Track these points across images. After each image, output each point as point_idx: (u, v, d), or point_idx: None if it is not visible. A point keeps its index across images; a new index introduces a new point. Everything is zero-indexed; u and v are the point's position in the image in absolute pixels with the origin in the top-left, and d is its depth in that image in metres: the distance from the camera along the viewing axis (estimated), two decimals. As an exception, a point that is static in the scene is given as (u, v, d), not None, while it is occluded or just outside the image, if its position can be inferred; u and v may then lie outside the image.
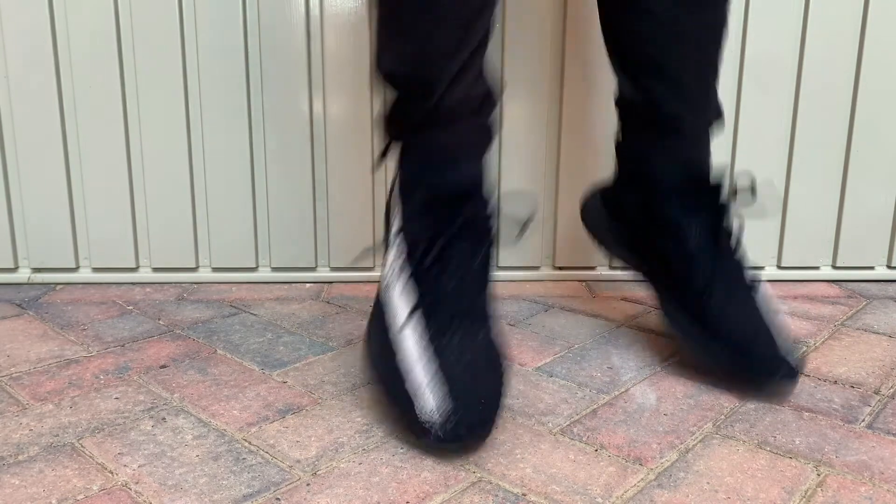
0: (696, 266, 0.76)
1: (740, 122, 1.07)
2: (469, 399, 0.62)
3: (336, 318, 0.95)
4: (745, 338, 0.72)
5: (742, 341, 0.72)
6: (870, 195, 1.10)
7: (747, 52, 1.04)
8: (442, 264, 0.65)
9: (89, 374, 0.78)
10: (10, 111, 1.03)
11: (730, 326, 0.73)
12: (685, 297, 0.77)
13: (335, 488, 0.58)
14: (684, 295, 0.77)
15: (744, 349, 0.72)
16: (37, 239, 1.08)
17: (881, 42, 1.04)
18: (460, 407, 0.61)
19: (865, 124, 1.07)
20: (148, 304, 1.01)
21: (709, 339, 0.74)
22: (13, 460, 0.61)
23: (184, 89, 1.04)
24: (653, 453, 0.63)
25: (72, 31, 1.01)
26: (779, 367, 0.70)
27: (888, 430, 0.67)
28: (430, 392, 0.62)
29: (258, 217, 1.09)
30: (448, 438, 0.60)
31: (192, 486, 0.58)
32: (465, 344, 0.65)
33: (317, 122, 1.06)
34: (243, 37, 1.03)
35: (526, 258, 1.12)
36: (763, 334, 0.73)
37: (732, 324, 0.73)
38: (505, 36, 1.03)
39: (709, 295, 0.74)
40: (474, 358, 0.65)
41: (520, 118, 1.06)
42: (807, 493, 0.57)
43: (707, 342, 0.74)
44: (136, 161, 1.06)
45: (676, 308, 0.78)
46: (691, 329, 0.76)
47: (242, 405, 0.71)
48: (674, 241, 0.76)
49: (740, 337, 0.73)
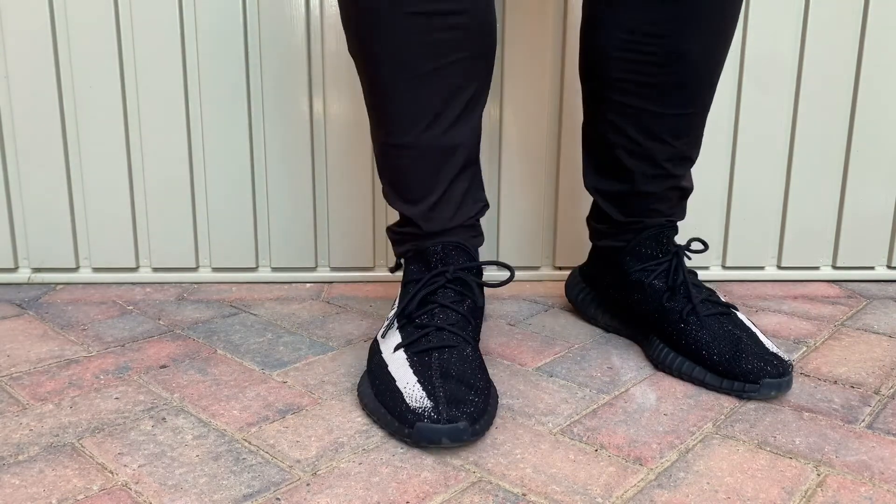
0: (669, 305, 0.81)
1: (740, 122, 1.07)
2: (455, 394, 0.64)
3: (336, 318, 0.95)
4: (724, 357, 0.74)
5: (722, 360, 0.74)
6: (870, 195, 1.10)
7: (747, 52, 1.04)
8: (429, 315, 0.73)
9: (89, 374, 0.78)
10: (10, 111, 1.03)
11: (710, 349, 0.75)
12: (664, 333, 0.80)
13: (335, 488, 0.58)
14: (663, 332, 0.80)
15: (727, 367, 0.73)
16: (37, 239, 1.08)
17: (881, 42, 1.04)
18: (450, 398, 0.64)
19: (865, 124, 1.07)
20: (148, 304, 1.01)
21: (693, 366, 0.76)
22: (13, 460, 0.61)
23: (184, 89, 1.04)
24: (653, 453, 0.63)
25: (72, 31, 1.01)
26: (762, 374, 0.71)
27: (888, 430, 0.67)
28: (419, 387, 0.65)
29: (258, 217, 1.09)
30: (441, 421, 0.61)
31: (192, 486, 0.58)
32: (449, 359, 0.68)
33: (317, 122, 1.06)
34: (243, 37, 1.03)
35: (526, 258, 1.12)
36: (743, 348, 0.74)
37: (712, 346, 0.75)
38: (505, 35, 1.03)
39: (686, 323, 0.78)
40: (459, 368, 0.68)
41: (520, 118, 1.06)
42: (807, 493, 0.57)
43: (692, 370, 0.76)
44: (136, 161, 1.06)
45: (660, 347, 0.80)
46: (675, 360, 0.77)
47: (242, 405, 0.71)
48: (643, 294, 0.84)
49: (721, 356, 0.74)
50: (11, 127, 1.04)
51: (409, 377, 0.66)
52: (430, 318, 0.72)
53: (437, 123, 0.74)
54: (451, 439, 0.61)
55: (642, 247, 0.85)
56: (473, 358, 0.70)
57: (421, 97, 0.73)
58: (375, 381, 0.70)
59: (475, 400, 0.64)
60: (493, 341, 0.88)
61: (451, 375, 0.66)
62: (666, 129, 0.81)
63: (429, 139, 0.75)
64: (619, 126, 0.82)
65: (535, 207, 1.10)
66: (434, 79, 0.73)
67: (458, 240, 0.77)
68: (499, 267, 1.08)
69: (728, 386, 0.73)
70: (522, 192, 1.09)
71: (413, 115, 0.74)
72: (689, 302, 0.79)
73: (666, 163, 0.82)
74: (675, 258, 0.83)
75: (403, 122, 0.74)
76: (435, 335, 0.70)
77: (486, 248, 1.11)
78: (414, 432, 0.62)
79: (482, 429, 0.63)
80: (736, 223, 1.10)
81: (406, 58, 0.71)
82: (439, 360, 0.68)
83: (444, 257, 0.76)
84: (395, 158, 0.77)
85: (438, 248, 0.77)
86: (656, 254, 0.84)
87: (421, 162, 0.76)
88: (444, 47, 0.72)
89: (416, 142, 0.75)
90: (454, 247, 0.77)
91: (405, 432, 0.63)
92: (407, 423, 0.63)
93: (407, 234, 0.80)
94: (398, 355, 0.70)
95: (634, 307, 0.84)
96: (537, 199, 1.09)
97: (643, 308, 0.83)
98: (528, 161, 1.08)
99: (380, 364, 0.71)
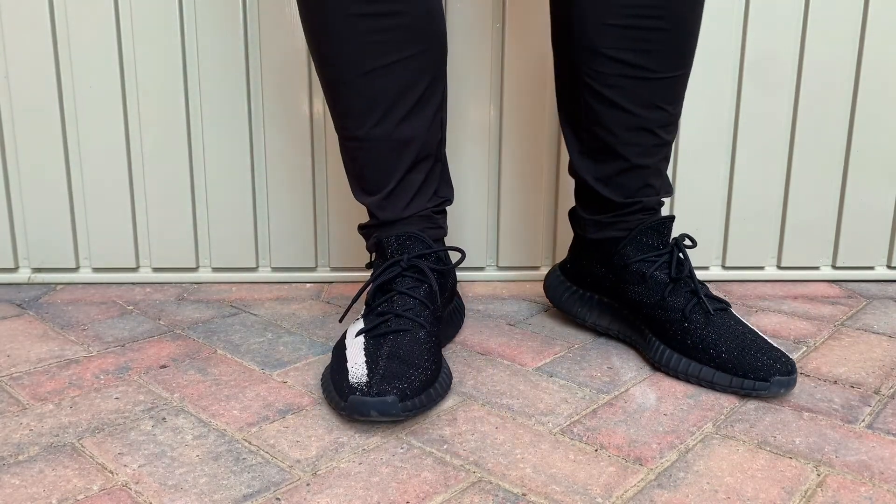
0: (671, 299, 0.80)
1: (740, 122, 1.07)
2: (392, 371, 0.68)
3: (336, 318, 0.95)
4: (733, 354, 0.74)
5: (731, 358, 0.73)
6: (870, 195, 1.10)
7: (747, 52, 1.04)
8: (389, 302, 0.77)
9: (89, 374, 0.78)
10: (10, 111, 1.03)
11: (717, 347, 0.75)
12: (666, 332, 0.79)
13: (335, 488, 0.58)
14: (665, 331, 0.79)
15: (736, 364, 0.73)
16: (37, 239, 1.08)
17: (881, 42, 1.04)
18: (385, 374, 0.67)
19: (865, 124, 1.07)
20: (148, 304, 1.01)
21: (700, 367, 0.75)
22: (13, 460, 0.61)
23: (184, 89, 1.04)
24: (653, 453, 0.63)
25: (72, 31, 1.01)
26: (772, 372, 0.71)
27: (888, 430, 0.67)
28: (364, 366, 0.69)
29: (258, 217, 1.09)
30: (371, 394, 0.65)
31: (192, 486, 0.58)
32: (401, 342, 0.72)
33: (317, 122, 1.06)
34: (243, 37, 1.03)
35: (526, 258, 1.12)
36: (749, 345, 0.74)
37: (719, 344, 0.75)
38: (505, 34, 1.03)
39: (689, 321, 0.78)
40: (408, 349, 0.71)
41: (520, 118, 1.06)
42: (807, 493, 0.57)
43: (699, 371, 0.75)
44: (136, 161, 1.06)
45: (661, 350, 0.79)
46: (679, 362, 0.77)
47: (242, 405, 0.71)
48: (643, 286, 0.83)
49: (729, 354, 0.74)
50: (11, 127, 1.04)
51: (359, 357, 0.70)
52: (390, 306, 0.76)
53: (387, 118, 0.79)
54: (380, 412, 0.64)
55: (644, 236, 0.84)
56: (425, 341, 0.73)
57: (370, 93, 0.78)
58: (332, 362, 0.74)
59: (412, 377, 0.67)
60: (493, 341, 0.88)
61: (398, 356, 0.70)
62: (661, 96, 0.80)
63: (380, 133, 0.79)
64: (614, 100, 0.80)
65: (535, 207, 1.10)
66: (383, 76, 0.77)
67: (413, 230, 0.81)
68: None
69: (738, 384, 0.72)
70: (522, 192, 1.09)
71: (364, 110, 0.78)
72: (694, 295, 0.79)
73: (660, 130, 0.82)
74: (676, 248, 0.82)
75: (356, 117, 0.79)
76: (394, 321, 0.74)
77: (486, 249, 1.11)
78: (347, 405, 0.66)
79: (416, 406, 0.66)
80: (736, 223, 1.10)
81: (354, 57, 0.76)
82: (391, 343, 0.72)
83: (399, 247, 0.80)
84: (352, 151, 0.82)
85: (392, 240, 0.80)
86: (658, 244, 0.84)
87: (374, 154, 0.80)
88: (388, 46, 0.76)
89: (368, 135, 0.79)
90: (408, 237, 0.80)
91: (341, 405, 0.67)
92: (343, 397, 0.67)
93: (371, 227, 0.84)
94: (358, 340, 0.74)
95: (633, 299, 0.83)
96: (537, 199, 1.09)
97: (643, 300, 0.82)
98: (528, 161, 1.08)
99: (340, 346, 0.75)
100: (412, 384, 0.67)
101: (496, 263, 1.12)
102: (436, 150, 0.84)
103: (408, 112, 0.79)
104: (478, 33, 1.03)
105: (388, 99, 0.78)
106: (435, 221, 0.85)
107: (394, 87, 0.78)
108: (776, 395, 0.72)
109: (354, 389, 0.66)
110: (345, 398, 0.66)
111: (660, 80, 0.80)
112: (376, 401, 0.64)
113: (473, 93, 1.05)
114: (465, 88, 1.05)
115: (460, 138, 1.06)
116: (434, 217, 0.85)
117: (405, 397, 0.65)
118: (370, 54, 0.76)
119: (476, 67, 1.05)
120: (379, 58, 0.76)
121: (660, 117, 0.82)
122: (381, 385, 0.65)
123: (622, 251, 0.85)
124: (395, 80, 0.77)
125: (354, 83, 0.77)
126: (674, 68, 0.80)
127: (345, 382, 0.68)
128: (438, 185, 0.86)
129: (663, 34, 0.77)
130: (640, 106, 0.80)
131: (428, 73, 0.80)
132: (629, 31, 0.77)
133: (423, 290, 0.78)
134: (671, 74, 0.80)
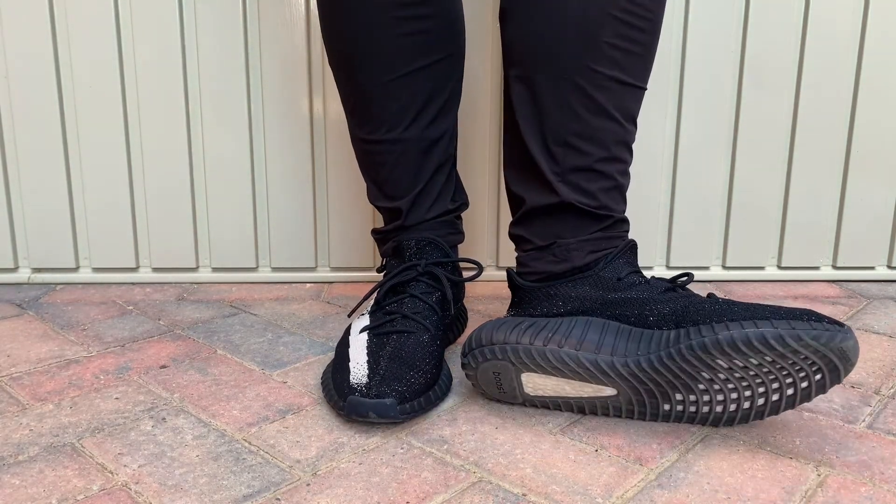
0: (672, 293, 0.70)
1: (740, 122, 1.07)
2: (393, 372, 0.67)
3: (336, 318, 0.95)
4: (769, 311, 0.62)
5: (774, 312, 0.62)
6: (870, 195, 1.10)
7: (747, 52, 1.04)
8: (399, 303, 0.76)
9: (89, 374, 0.78)
10: (10, 111, 1.03)
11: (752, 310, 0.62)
12: None
13: (335, 488, 0.58)
14: None
15: (785, 315, 0.61)
16: (37, 239, 1.08)
17: (881, 42, 1.04)
18: (385, 375, 0.67)
19: (865, 124, 1.07)
20: (148, 304, 1.01)
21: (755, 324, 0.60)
22: (13, 460, 0.61)
23: (184, 89, 1.04)
24: (653, 453, 0.63)
25: (72, 31, 1.01)
26: (817, 317, 0.60)
27: (888, 430, 0.67)
28: (366, 365, 0.68)
29: (258, 217, 1.09)
30: (370, 395, 0.64)
31: (192, 486, 0.58)
32: (404, 343, 0.71)
33: (317, 122, 1.06)
34: (243, 37, 1.03)
35: (526, 258, 1.12)
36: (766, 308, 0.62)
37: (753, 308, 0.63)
38: (505, 36, 1.03)
39: None
40: (411, 352, 0.70)
41: (520, 118, 1.06)
42: (807, 493, 0.57)
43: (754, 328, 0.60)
44: (136, 161, 1.06)
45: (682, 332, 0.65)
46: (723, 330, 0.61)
47: (242, 405, 0.71)
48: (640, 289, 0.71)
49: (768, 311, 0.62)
50: (11, 127, 1.04)
51: (361, 356, 0.70)
52: (399, 306, 0.76)
53: (420, 119, 0.79)
54: (378, 414, 0.64)
55: (624, 257, 0.73)
56: (429, 344, 0.73)
57: (406, 95, 0.78)
58: (335, 359, 0.74)
59: (412, 380, 0.67)
60: (493, 341, 0.88)
61: (401, 358, 0.69)
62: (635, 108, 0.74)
63: (413, 135, 0.79)
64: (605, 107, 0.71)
65: (535, 207, 1.09)
66: (417, 78, 0.78)
67: (433, 236, 0.81)
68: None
69: (820, 329, 0.58)
70: (522, 192, 1.09)
71: (397, 112, 0.79)
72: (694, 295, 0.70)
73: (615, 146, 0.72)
74: None
75: (388, 121, 0.79)
76: (400, 322, 0.74)
77: (486, 249, 1.11)
78: (346, 405, 0.65)
79: (414, 409, 0.66)
80: (736, 223, 1.10)
81: (391, 59, 0.76)
82: (394, 343, 0.71)
83: (417, 252, 0.80)
84: (379, 155, 0.81)
85: (412, 244, 0.80)
86: (634, 263, 0.75)
87: (405, 157, 0.80)
88: (425, 48, 0.77)
89: (401, 137, 0.79)
90: (428, 242, 0.80)
91: (340, 405, 0.66)
92: (342, 397, 0.66)
93: (389, 231, 0.83)
94: (362, 336, 0.73)
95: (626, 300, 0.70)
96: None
97: (643, 294, 0.69)
98: (528, 161, 1.08)
99: (343, 343, 0.75)
100: (412, 387, 0.67)
101: (496, 263, 1.12)
102: (454, 152, 0.85)
103: (437, 112, 0.80)
104: (478, 32, 1.03)
105: (421, 101, 0.79)
106: (455, 226, 0.85)
107: (426, 89, 0.79)
108: (853, 345, 0.59)
109: (354, 390, 0.66)
110: (344, 398, 0.66)
111: (635, 89, 0.73)
112: (375, 402, 0.64)
113: (473, 92, 1.05)
114: (466, 87, 1.05)
115: (461, 138, 1.06)
116: (455, 222, 0.85)
117: (404, 400, 0.65)
118: (406, 56, 0.77)
119: (476, 67, 1.05)
120: (417, 59, 0.77)
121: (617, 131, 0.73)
122: (380, 387, 0.65)
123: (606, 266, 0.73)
124: (430, 82, 0.79)
125: (388, 86, 0.78)
126: (644, 79, 0.74)
127: (345, 382, 0.68)
128: (455, 189, 0.86)
129: (648, 37, 0.72)
130: (626, 118, 0.73)
131: (455, 74, 0.82)
132: (624, 26, 0.70)
133: (435, 297, 0.78)
134: (642, 85, 0.74)
